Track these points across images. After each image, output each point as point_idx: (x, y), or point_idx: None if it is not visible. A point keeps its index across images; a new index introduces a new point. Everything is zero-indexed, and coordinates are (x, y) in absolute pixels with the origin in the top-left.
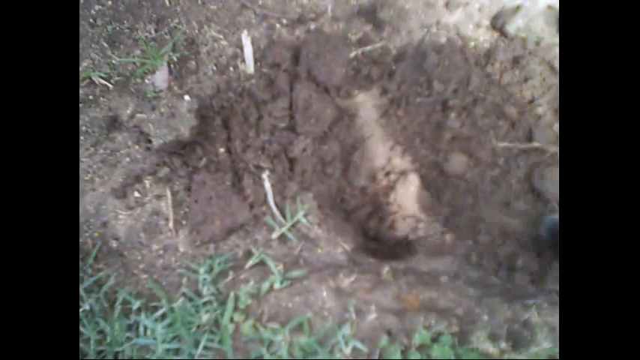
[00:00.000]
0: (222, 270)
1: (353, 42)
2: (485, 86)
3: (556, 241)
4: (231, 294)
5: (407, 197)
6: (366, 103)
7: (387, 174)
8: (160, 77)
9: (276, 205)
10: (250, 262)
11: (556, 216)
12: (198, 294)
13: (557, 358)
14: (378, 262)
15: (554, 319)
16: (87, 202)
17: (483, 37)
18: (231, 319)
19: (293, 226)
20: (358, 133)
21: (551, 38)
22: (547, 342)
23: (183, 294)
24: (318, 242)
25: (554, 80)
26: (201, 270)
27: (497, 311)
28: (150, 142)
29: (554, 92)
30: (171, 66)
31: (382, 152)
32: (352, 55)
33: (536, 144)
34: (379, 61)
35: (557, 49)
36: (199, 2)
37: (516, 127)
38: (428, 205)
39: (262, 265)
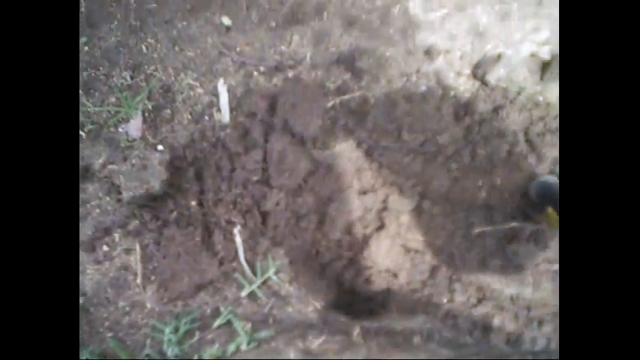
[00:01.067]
0: (189, 330)
1: (331, 90)
2: (461, 137)
3: (545, 201)
4: (195, 357)
5: (381, 251)
6: (343, 154)
7: (364, 227)
8: (134, 126)
9: (247, 261)
10: (217, 322)
11: (545, 177)
12: (163, 355)
13: None
14: (349, 322)
15: None
16: None
17: (464, 87)
18: None
19: (263, 283)
20: (334, 185)
21: (533, 87)
22: None
23: (147, 355)
24: (289, 300)
25: (537, 129)
26: (167, 330)
27: None
28: (120, 193)
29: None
30: (146, 114)
31: (358, 204)
32: (330, 104)
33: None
34: (357, 111)
35: (539, 98)
36: (176, 49)
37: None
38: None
39: (230, 325)
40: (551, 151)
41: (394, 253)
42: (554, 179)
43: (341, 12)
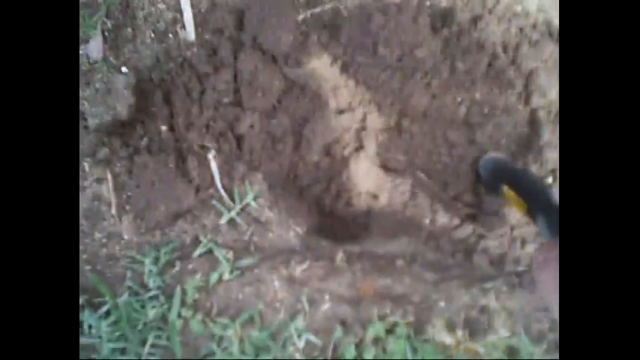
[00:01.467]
0: (169, 260)
1: (301, 3)
2: (439, 51)
3: (497, 179)
4: (178, 288)
5: (360, 173)
6: (318, 71)
7: (342, 147)
8: (94, 47)
9: (224, 187)
10: (198, 251)
11: (491, 154)
12: (144, 287)
13: (517, 347)
14: (332, 247)
15: (513, 304)
16: None
17: None
18: (179, 315)
19: (242, 209)
20: (310, 105)
21: None
22: (504, 330)
23: (129, 288)
24: (270, 226)
25: (516, 40)
26: (147, 261)
27: (455, 297)
28: (86, 120)
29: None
30: (106, 34)
31: (335, 124)
32: (301, 17)
33: None
34: (330, 25)
35: (517, 8)
36: None
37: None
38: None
39: (211, 254)
40: (528, 63)
41: (374, 174)
42: (501, 155)
43: None
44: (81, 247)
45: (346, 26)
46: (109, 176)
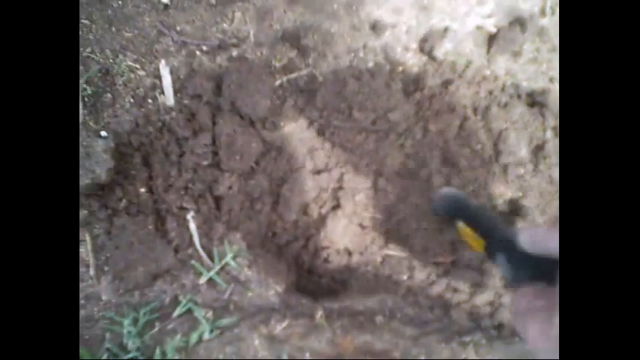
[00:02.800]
0: (148, 321)
1: (278, 69)
2: (412, 114)
3: (452, 213)
4: (158, 349)
5: (338, 230)
6: (294, 134)
7: (320, 206)
8: None
9: (203, 247)
10: (177, 311)
11: (446, 189)
12: (124, 348)
13: None
14: (312, 304)
15: (492, 356)
16: None
17: (412, 61)
18: None
19: (222, 269)
20: (287, 166)
21: (480, 60)
22: None
23: (107, 349)
24: (249, 285)
25: (486, 102)
26: (126, 322)
27: (434, 352)
28: None
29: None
30: (86, 100)
31: (312, 184)
32: (277, 83)
33: None
34: (305, 90)
35: (486, 72)
36: (113, 30)
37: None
38: (361, 235)
39: (190, 313)
40: (498, 124)
41: (351, 232)
42: (456, 191)
43: None
44: None
45: (322, 91)
46: (88, 238)
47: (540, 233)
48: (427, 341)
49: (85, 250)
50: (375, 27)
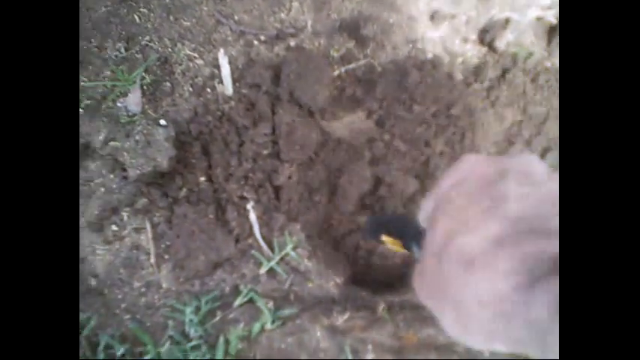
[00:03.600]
0: (210, 309)
1: (336, 59)
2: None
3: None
4: (221, 338)
5: None
6: (353, 125)
7: (377, 199)
8: (133, 100)
9: (263, 237)
10: (239, 301)
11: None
12: (186, 336)
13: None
14: (372, 297)
15: None
16: None
17: (471, 52)
18: None
19: (281, 259)
20: (345, 157)
21: (540, 52)
22: None
23: (170, 337)
24: (309, 275)
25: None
26: (188, 310)
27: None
28: (125, 170)
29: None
30: (145, 88)
31: (370, 176)
32: (335, 73)
33: None
34: (364, 80)
35: (547, 64)
36: (171, 19)
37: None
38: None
39: (251, 303)
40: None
41: None
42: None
43: None
44: (119, 296)
45: (381, 82)
46: (148, 226)
47: (427, 206)
48: None
49: (146, 238)
50: (434, 17)
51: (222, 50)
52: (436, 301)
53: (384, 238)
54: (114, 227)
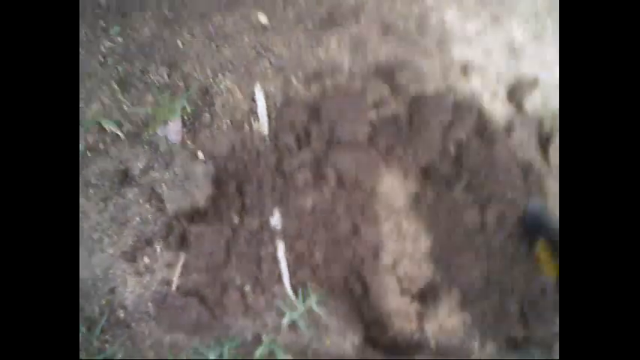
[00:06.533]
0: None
1: (369, 104)
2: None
3: (539, 226)
4: None
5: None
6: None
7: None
8: (173, 130)
9: (292, 287)
10: (259, 351)
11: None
12: None
13: None
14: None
15: None
16: (95, 264)
17: (500, 111)
18: None
19: (305, 312)
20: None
21: None
22: None
23: None
24: (328, 332)
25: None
26: (211, 355)
27: None
28: (162, 202)
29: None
30: (185, 118)
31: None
32: (369, 119)
33: None
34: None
35: None
36: (213, 46)
37: None
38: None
39: (271, 353)
40: None
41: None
42: (540, 206)
43: (377, 16)
44: (146, 332)
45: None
46: (180, 261)
47: None
48: None
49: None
50: (466, 69)
51: (258, 85)
52: None
53: (541, 248)
54: (146, 259)
